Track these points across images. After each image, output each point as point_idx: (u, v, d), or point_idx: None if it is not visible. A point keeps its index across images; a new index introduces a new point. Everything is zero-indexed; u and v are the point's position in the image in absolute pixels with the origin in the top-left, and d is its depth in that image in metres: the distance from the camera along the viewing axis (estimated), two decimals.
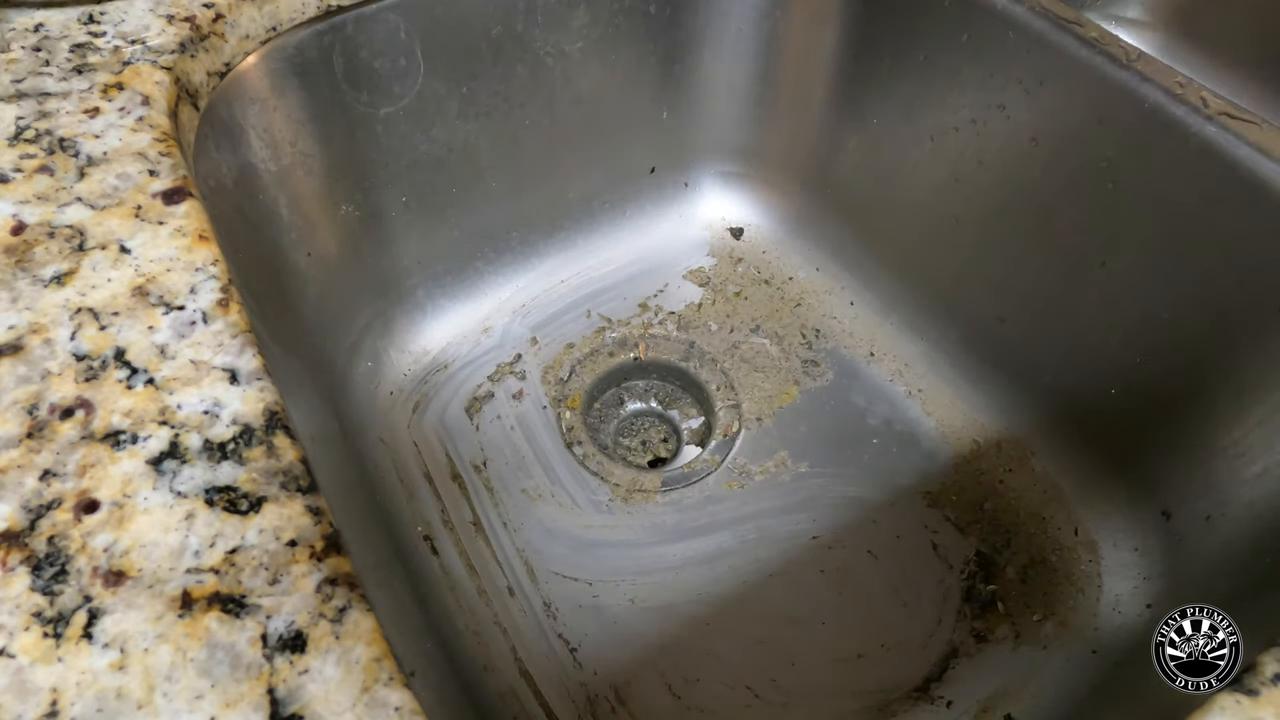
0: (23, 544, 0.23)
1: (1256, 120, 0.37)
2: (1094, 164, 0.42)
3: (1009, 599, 0.45)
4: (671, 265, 0.60)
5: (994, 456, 0.50)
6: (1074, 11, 0.42)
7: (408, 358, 0.54)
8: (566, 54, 0.51)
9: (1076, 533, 0.47)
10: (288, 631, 0.22)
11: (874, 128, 0.53)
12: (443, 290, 0.56)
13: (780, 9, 0.54)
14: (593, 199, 0.59)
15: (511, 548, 0.47)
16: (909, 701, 0.42)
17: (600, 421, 0.54)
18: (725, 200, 0.62)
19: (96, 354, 0.27)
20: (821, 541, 0.47)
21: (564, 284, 0.59)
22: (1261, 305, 0.38)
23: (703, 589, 0.46)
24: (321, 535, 0.24)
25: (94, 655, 0.21)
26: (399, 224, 0.52)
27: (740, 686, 0.42)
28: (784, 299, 0.59)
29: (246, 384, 0.27)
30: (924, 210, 0.53)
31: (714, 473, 0.51)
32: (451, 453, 0.51)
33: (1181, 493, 0.43)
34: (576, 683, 0.43)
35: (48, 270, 0.29)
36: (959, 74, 0.47)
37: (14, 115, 0.34)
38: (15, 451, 0.25)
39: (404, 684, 0.21)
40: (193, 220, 0.31)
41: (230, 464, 0.25)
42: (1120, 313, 0.44)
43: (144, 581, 0.23)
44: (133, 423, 0.26)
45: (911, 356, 0.55)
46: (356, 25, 0.44)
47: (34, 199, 0.31)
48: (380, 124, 0.47)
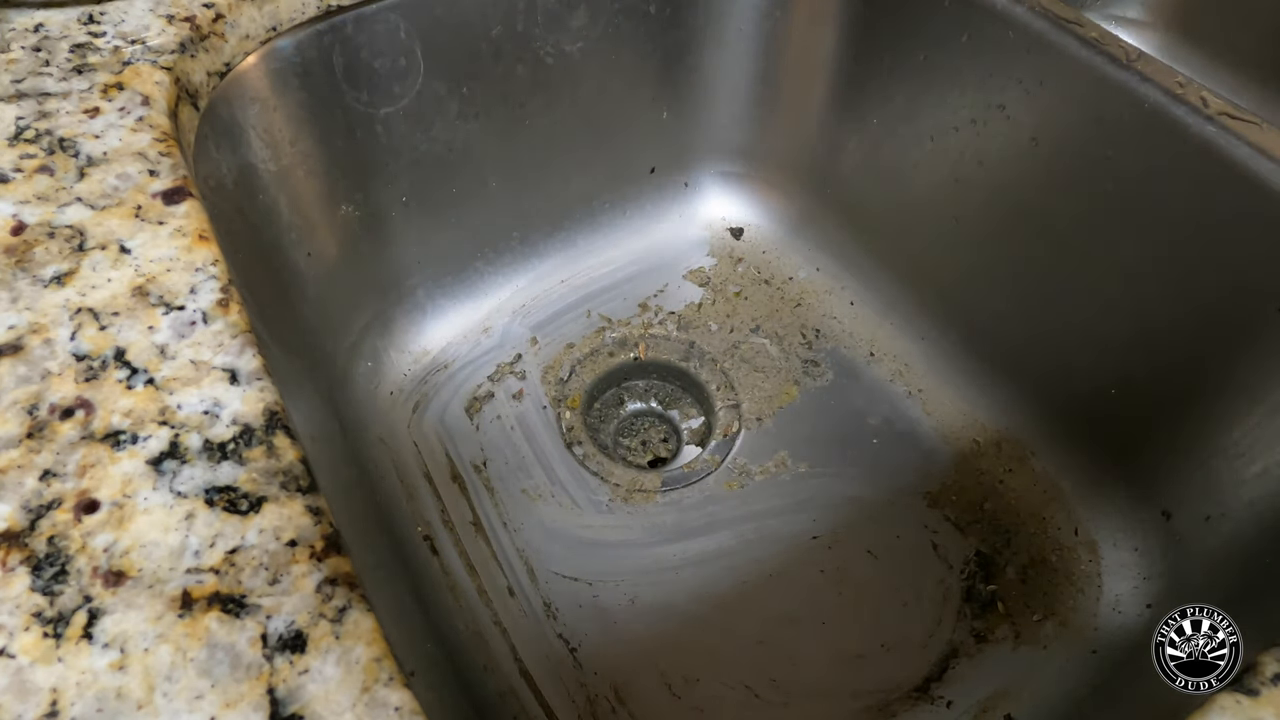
0: (23, 544, 0.23)
1: (1256, 120, 0.37)
2: (1094, 164, 0.42)
3: (1009, 599, 0.45)
4: (671, 265, 0.60)
5: (994, 456, 0.50)
6: (1074, 11, 0.42)
7: (408, 358, 0.54)
8: (566, 54, 0.51)
9: (1076, 533, 0.47)
10: (288, 631, 0.22)
11: (874, 128, 0.53)
12: (443, 290, 0.56)
13: (780, 9, 0.54)
14: (593, 199, 0.59)
15: (511, 548, 0.47)
16: (909, 701, 0.42)
17: (600, 421, 0.54)
18: (725, 200, 0.62)
19: (96, 354, 0.27)
20: (821, 541, 0.47)
21: (564, 284, 0.59)
22: (1261, 305, 0.38)
23: (703, 589, 0.46)
24: (321, 535, 0.24)
25: (94, 655, 0.21)
26: (399, 224, 0.52)
27: (740, 686, 0.42)
28: (784, 299, 0.59)
29: (246, 384, 0.27)
30: (924, 210, 0.53)
31: (714, 473, 0.51)
32: (451, 453, 0.51)
33: (1181, 493, 0.43)
34: (576, 683, 0.43)
35: (48, 270, 0.29)
36: (959, 74, 0.47)
37: (14, 115, 0.34)
38: (15, 451, 0.25)
39: (404, 684, 0.21)
40: (193, 220, 0.31)
41: (230, 464, 0.25)
42: (1120, 312, 0.44)
43: (144, 581, 0.23)
44: (133, 423, 0.26)
45: (911, 356, 0.55)
46: (356, 25, 0.44)
47: (34, 199, 0.31)
48: (380, 124, 0.47)
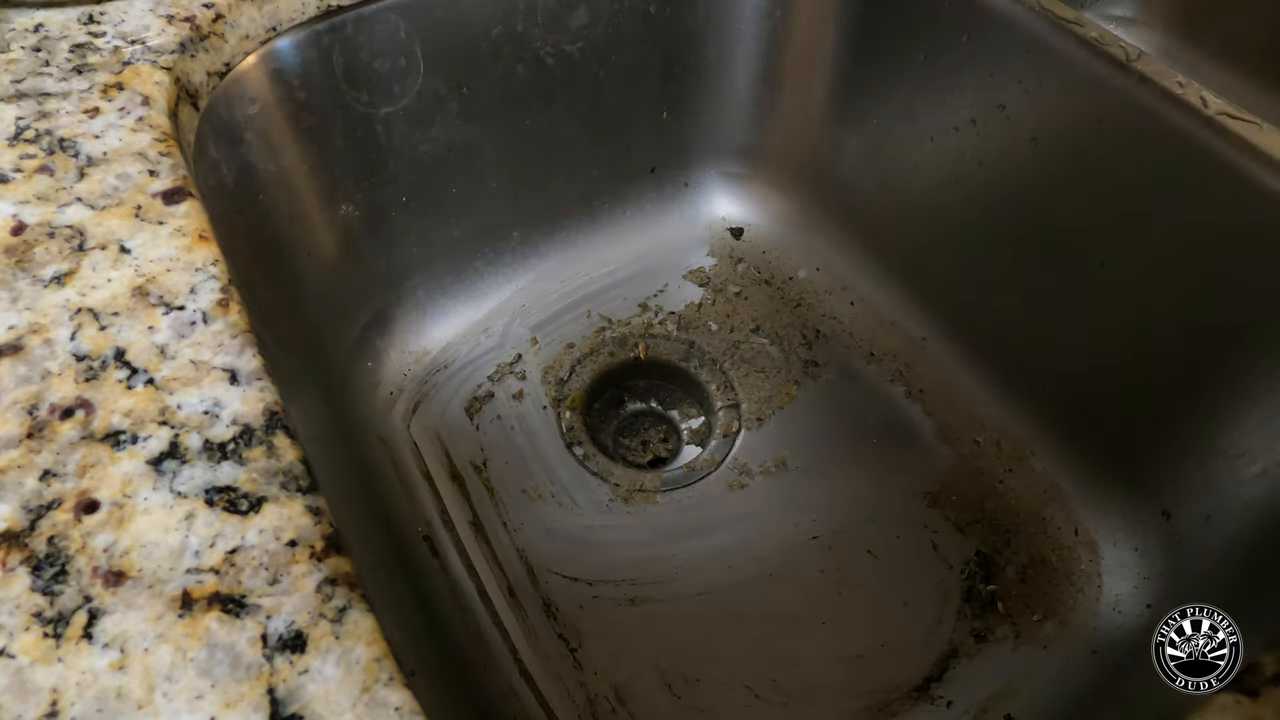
0: (23, 544, 0.23)
1: (1256, 121, 0.37)
2: (1094, 164, 0.42)
3: (1009, 599, 0.45)
4: (672, 265, 0.60)
5: (994, 456, 0.50)
6: (1074, 11, 0.42)
7: (408, 358, 0.54)
8: (566, 54, 0.51)
9: (1076, 533, 0.47)
10: (288, 631, 0.22)
11: (874, 128, 0.53)
12: (443, 290, 0.56)
13: (780, 9, 0.54)
14: (593, 199, 0.59)
15: (511, 548, 0.47)
16: (909, 701, 0.42)
17: (600, 421, 0.54)
18: (725, 200, 0.62)
19: (96, 354, 0.27)
20: (821, 541, 0.47)
21: (564, 284, 0.59)
22: (1261, 305, 0.38)
23: (702, 589, 0.46)
24: (321, 535, 0.24)
25: (94, 655, 0.21)
26: (399, 224, 0.52)
27: (740, 686, 0.42)
28: (784, 299, 0.59)
29: (246, 384, 0.27)
30: (924, 210, 0.53)
31: (714, 473, 0.51)
32: (451, 452, 0.51)
33: (1181, 493, 0.43)
34: (576, 683, 0.43)
35: (48, 270, 0.29)
36: (959, 74, 0.47)
37: (14, 115, 0.34)
38: (15, 451, 0.25)
39: (404, 684, 0.21)
40: (193, 220, 0.31)
41: (230, 464, 0.25)
42: (1120, 312, 0.44)
43: (144, 581, 0.23)
44: (133, 423, 0.26)
45: (911, 356, 0.55)
46: (356, 25, 0.44)
47: (34, 199, 0.31)
48: (380, 124, 0.47)
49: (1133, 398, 0.45)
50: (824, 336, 0.57)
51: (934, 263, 0.54)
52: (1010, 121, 0.45)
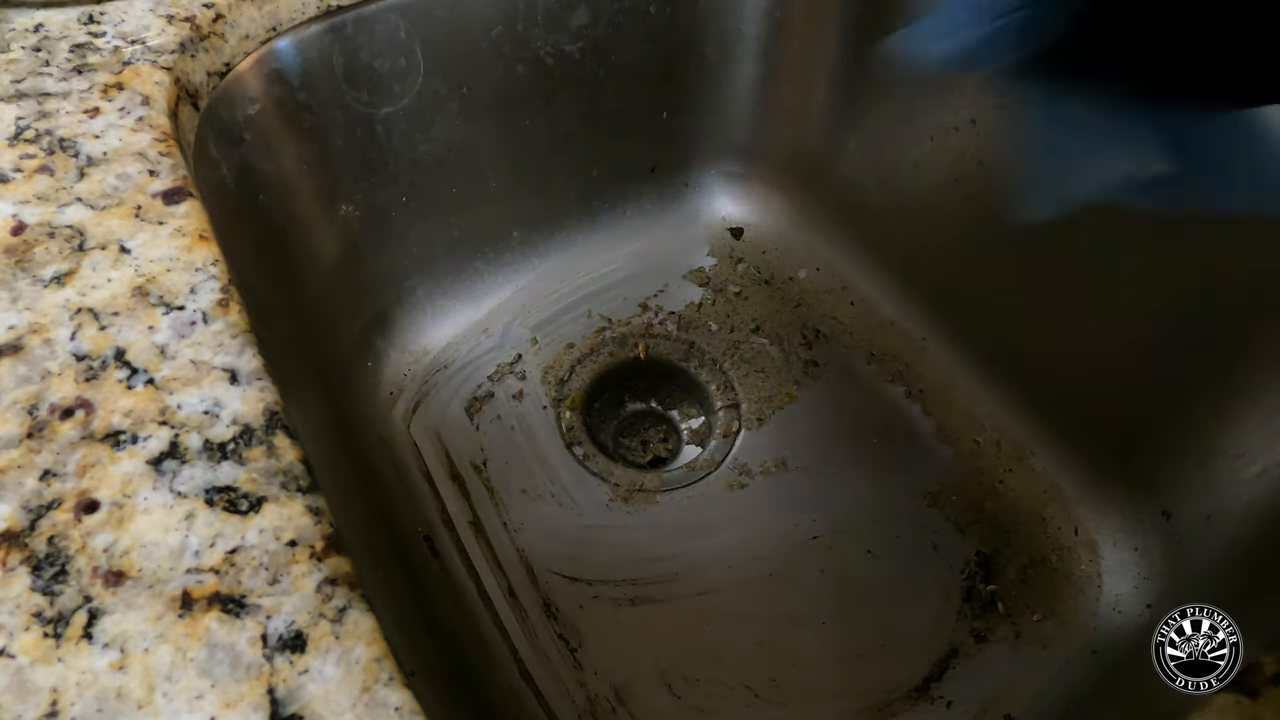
0: (23, 544, 0.23)
1: None
2: None
3: (1009, 599, 0.45)
4: (672, 265, 0.60)
5: (994, 456, 0.50)
6: None
7: (408, 357, 0.54)
8: (566, 54, 0.51)
9: (1076, 533, 0.47)
10: (288, 631, 0.22)
11: (874, 127, 0.53)
12: (443, 290, 0.56)
13: (780, 9, 0.54)
14: (593, 199, 0.59)
15: (511, 548, 0.47)
16: (909, 701, 0.42)
17: (600, 421, 0.54)
18: (725, 200, 0.62)
19: (96, 354, 0.27)
20: (821, 541, 0.47)
21: (564, 284, 0.59)
22: (1261, 305, 0.38)
23: (703, 589, 0.46)
24: (321, 535, 0.24)
25: (94, 655, 0.21)
26: (399, 224, 0.52)
27: (740, 686, 0.42)
28: (784, 299, 0.59)
29: (246, 384, 0.27)
30: (924, 210, 0.52)
31: (714, 473, 0.51)
32: (451, 453, 0.51)
33: (1181, 493, 0.43)
34: (576, 683, 0.43)
35: (48, 270, 0.29)
36: (959, 74, 0.46)
37: (14, 115, 0.34)
38: (15, 451, 0.25)
39: (404, 684, 0.21)
40: (193, 220, 0.31)
41: (230, 464, 0.25)
42: (1120, 312, 0.44)
43: (144, 581, 0.23)
44: (133, 423, 0.26)
45: (911, 356, 0.55)
46: (356, 25, 0.44)
47: (34, 199, 0.31)
48: (380, 124, 0.47)
49: (1133, 397, 0.45)
50: (824, 336, 0.57)
51: (934, 263, 0.54)
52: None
